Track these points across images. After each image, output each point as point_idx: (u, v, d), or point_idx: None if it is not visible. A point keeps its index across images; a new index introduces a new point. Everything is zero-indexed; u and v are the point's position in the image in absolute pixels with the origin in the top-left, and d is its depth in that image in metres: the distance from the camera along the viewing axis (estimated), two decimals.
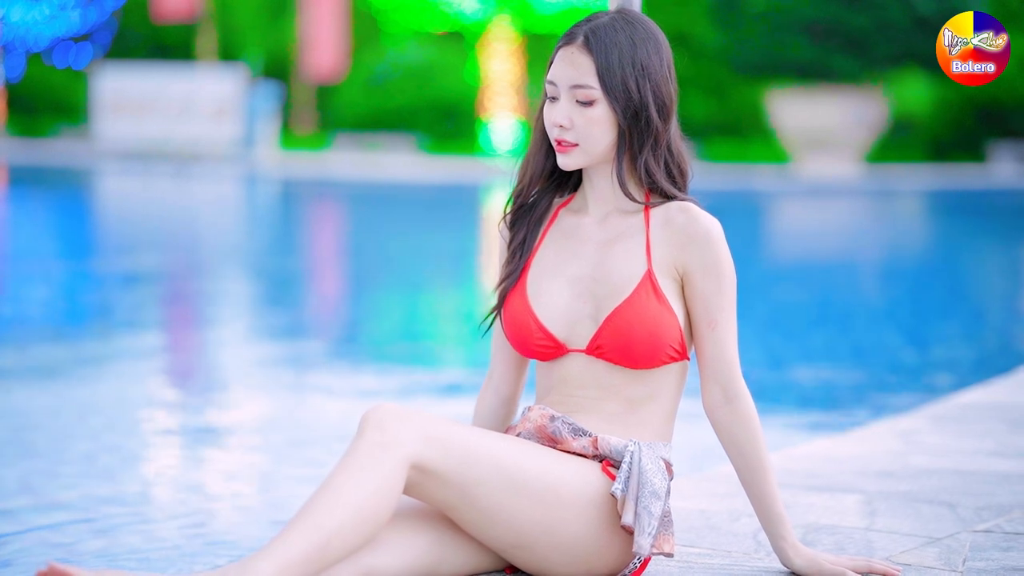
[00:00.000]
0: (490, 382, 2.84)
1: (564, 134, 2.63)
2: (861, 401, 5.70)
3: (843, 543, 2.94)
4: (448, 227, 15.37)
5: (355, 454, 2.42)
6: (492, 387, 2.83)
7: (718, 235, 2.64)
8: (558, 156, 2.66)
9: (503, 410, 2.83)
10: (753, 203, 20.37)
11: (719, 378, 2.65)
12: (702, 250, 2.63)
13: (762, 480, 2.64)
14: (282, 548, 2.32)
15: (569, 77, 2.62)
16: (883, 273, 11.60)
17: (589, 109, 2.62)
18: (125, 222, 15.50)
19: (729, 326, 2.65)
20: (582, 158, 2.65)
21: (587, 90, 2.61)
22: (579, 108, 2.62)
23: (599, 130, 2.63)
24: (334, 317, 8.58)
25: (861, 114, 27.84)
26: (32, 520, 3.57)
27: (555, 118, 2.63)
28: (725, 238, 2.65)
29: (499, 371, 2.83)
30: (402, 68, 29.29)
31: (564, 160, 2.66)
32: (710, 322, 2.64)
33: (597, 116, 2.62)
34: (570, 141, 2.63)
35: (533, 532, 2.55)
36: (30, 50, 33.24)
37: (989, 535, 3.03)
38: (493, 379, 2.84)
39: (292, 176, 24.21)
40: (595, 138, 2.63)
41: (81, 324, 7.61)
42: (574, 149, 2.64)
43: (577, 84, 2.61)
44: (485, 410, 2.83)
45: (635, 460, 2.58)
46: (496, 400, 2.83)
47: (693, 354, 2.72)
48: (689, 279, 2.64)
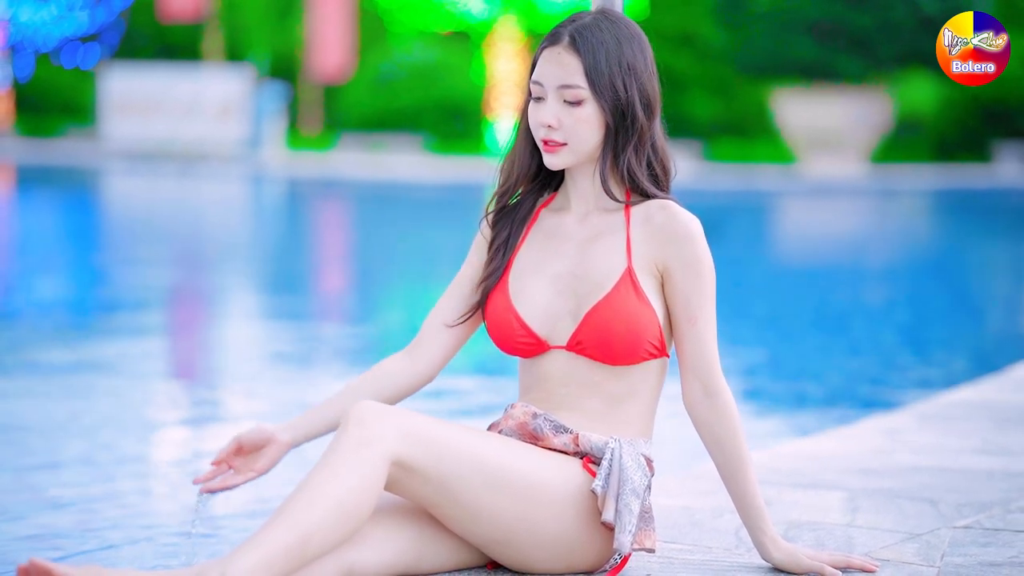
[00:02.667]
0: (412, 363, 2.74)
1: (552, 134, 2.66)
2: (854, 399, 5.72)
3: (823, 539, 2.97)
4: (454, 226, 15.40)
5: (336, 450, 2.44)
6: (413, 369, 2.74)
7: (698, 232, 2.68)
8: (545, 156, 2.68)
9: (403, 394, 2.73)
10: (758, 203, 20.38)
11: (699, 374, 2.68)
12: (682, 247, 2.66)
13: (742, 475, 2.67)
14: (262, 544, 2.34)
15: (557, 77, 2.65)
16: (886, 273, 11.61)
17: (577, 109, 2.64)
18: (131, 221, 15.54)
19: (709, 322, 2.68)
20: (570, 157, 2.68)
21: (576, 90, 2.63)
22: (567, 108, 2.65)
23: (587, 129, 2.65)
24: (337, 317, 8.61)
25: (866, 114, 27.83)
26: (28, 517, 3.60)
27: (543, 118, 2.66)
28: (704, 235, 2.69)
29: (426, 358, 2.75)
30: (408, 68, 29.31)
31: (552, 160, 2.68)
32: (690, 318, 2.67)
33: (585, 115, 2.65)
34: (558, 141, 2.66)
35: (514, 528, 2.58)
36: (38, 50, 33.33)
37: (968, 531, 3.06)
38: (417, 361, 2.74)
39: (298, 176, 24.24)
40: (583, 137, 2.66)
41: (83, 322, 7.65)
42: (562, 148, 2.67)
43: (565, 84, 2.64)
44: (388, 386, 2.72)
45: (616, 457, 2.61)
46: (407, 383, 2.73)
47: (673, 351, 2.76)
48: (669, 276, 2.67)
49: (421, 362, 2.76)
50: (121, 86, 27.21)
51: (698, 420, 2.69)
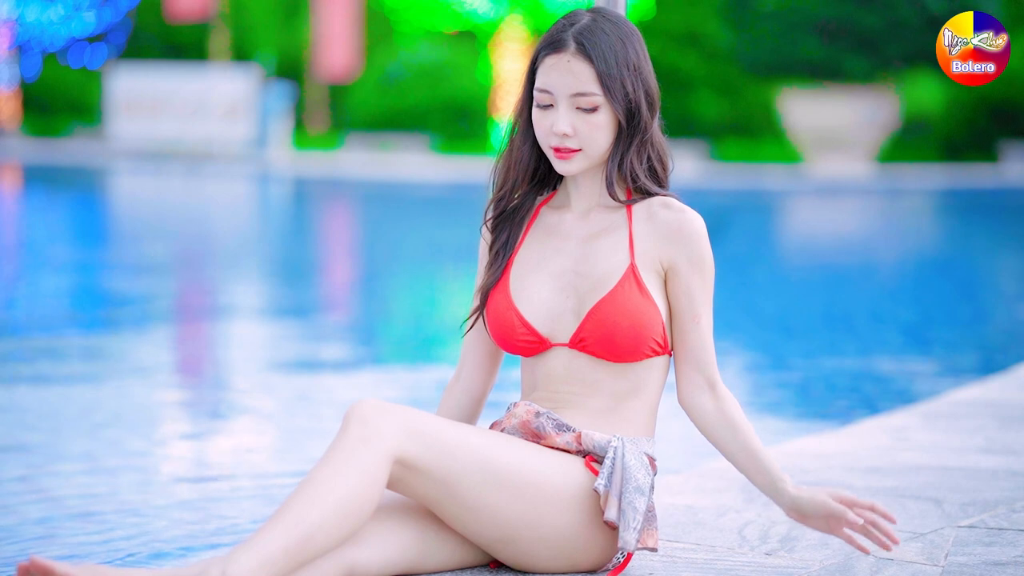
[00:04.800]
0: (458, 380, 2.82)
1: (567, 142, 2.64)
2: (859, 398, 5.71)
3: (827, 538, 2.96)
4: (460, 226, 15.39)
5: (338, 449, 2.44)
6: (460, 385, 2.82)
7: (702, 229, 2.67)
8: (558, 163, 2.66)
9: (470, 409, 2.82)
10: (764, 203, 20.36)
11: (702, 368, 2.68)
12: (688, 245, 2.66)
13: (756, 444, 2.66)
14: (264, 542, 2.34)
15: (568, 85, 2.62)
16: (892, 272, 11.60)
17: (593, 115, 2.63)
18: (137, 221, 15.55)
19: (709, 319, 2.70)
20: (584, 163, 2.67)
21: (591, 97, 2.62)
22: (582, 115, 2.63)
23: (602, 135, 2.64)
24: (344, 314, 8.61)
25: (873, 114, 27.78)
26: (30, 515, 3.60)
27: (558, 127, 2.63)
28: (704, 228, 2.69)
29: (468, 369, 2.82)
30: (415, 68, 29.29)
31: (566, 167, 2.66)
32: (695, 315, 2.67)
33: (601, 121, 2.63)
34: (572, 148, 2.64)
35: (516, 527, 2.57)
36: (45, 50, 33.35)
37: (973, 530, 3.06)
38: (462, 377, 2.82)
39: (305, 175, 24.24)
40: (598, 142, 2.65)
41: (88, 321, 7.65)
42: (576, 155, 2.65)
43: (580, 92, 2.62)
44: (452, 406, 2.81)
45: (618, 456, 2.60)
46: (465, 398, 2.82)
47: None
48: (674, 273, 2.67)
49: (473, 386, 2.82)
50: (128, 86, 27.22)
51: (704, 411, 2.68)
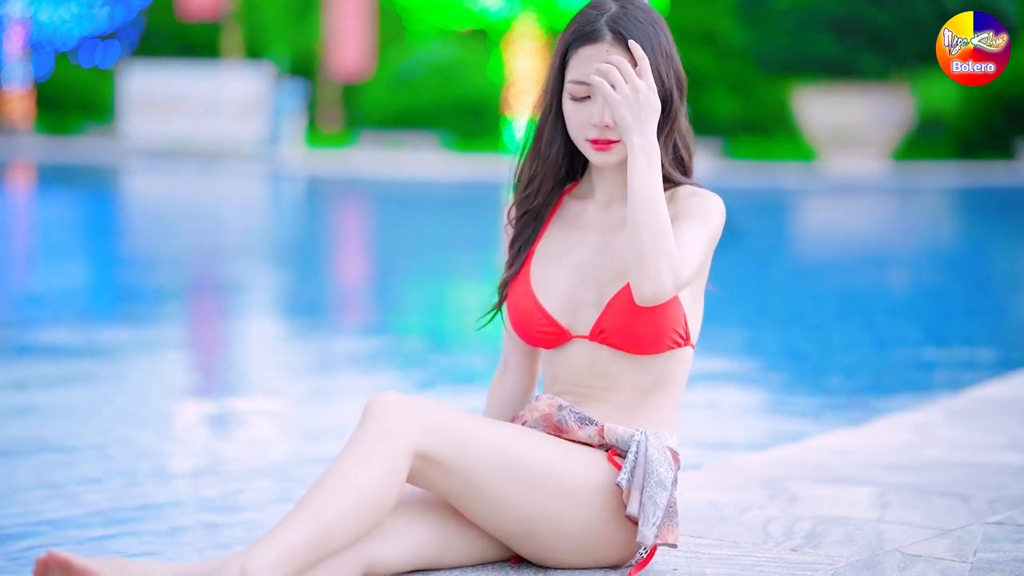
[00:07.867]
0: (505, 371, 2.82)
1: (607, 133, 2.60)
2: (879, 394, 5.66)
3: (853, 534, 2.92)
4: (472, 224, 15.37)
5: (357, 443, 2.41)
6: (509, 376, 2.81)
7: (716, 201, 2.62)
8: (596, 155, 2.62)
9: (521, 398, 2.81)
10: (779, 201, 20.31)
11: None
12: (698, 202, 2.61)
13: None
14: (283, 536, 2.31)
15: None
16: (908, 270, 11.54)
17: None
18: (150, 219, 15.55)
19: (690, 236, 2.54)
20: (623, 153, 2.62)
21: None
22: None
23: None
24: (357, 312, 8.59)
25: (887, 111, 27.69)
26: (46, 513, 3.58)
27: (599, 118, 2.58)
28: (723, 210, 2.63)
29: (514, 360, 2.81)
30: (427, 66, 29.29)
31: (605, 158, 2.63)
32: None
33: None
34: (613, 139, 2.60)
35: (537, 521, 2.54)
36: (58, 49, 33.43)
37: (1001, 527, 3.01)
38: (509, 368, 2.82)
39: (317, 174, 24.24)
40: None
41: (101, 319, 7.64)
42: (616, 146, 2.61)
43: None
44: (502, 398, 2.81)
45: (641, 449, 2.56)
46: (515, 389, 2.81)
47: (697, 341, 2.70)
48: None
49: (521, 375, 2.82)
50: (140, 84, 27.24)
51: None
